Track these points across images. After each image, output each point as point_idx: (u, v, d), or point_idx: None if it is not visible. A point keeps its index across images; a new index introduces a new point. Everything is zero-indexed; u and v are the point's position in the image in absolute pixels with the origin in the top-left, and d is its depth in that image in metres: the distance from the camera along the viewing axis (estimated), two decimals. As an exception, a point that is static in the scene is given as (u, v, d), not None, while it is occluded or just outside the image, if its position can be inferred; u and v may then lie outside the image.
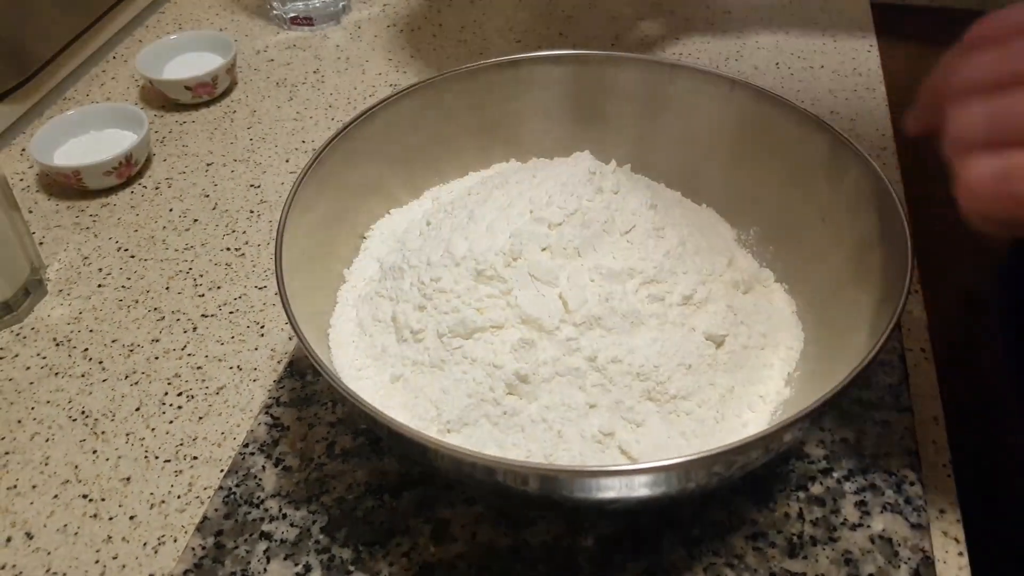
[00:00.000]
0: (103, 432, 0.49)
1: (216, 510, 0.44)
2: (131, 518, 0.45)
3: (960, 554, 0.42)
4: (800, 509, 0.43)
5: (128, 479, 0.46)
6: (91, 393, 0.51)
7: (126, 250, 0.60)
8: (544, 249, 0.42)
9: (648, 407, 0.39)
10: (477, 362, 0.40)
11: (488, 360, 0.40)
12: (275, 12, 0.83)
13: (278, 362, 0.52)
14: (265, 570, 0.41)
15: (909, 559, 0.41)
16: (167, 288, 0.57)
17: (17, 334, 0.55)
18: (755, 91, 0.49)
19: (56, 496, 0.46)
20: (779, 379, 0.43)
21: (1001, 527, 0.51)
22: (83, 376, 0.52)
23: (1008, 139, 0.28)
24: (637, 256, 0.42)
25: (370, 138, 0.49)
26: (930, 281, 0.54)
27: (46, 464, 0.47)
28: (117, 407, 0.50)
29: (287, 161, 0.67)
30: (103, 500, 0.45)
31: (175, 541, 0.43)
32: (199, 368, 0.52)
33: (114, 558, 0.43)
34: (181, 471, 0.47)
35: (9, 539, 0.44)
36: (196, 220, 0.63)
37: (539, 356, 0.39)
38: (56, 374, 0.52)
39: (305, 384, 0.50)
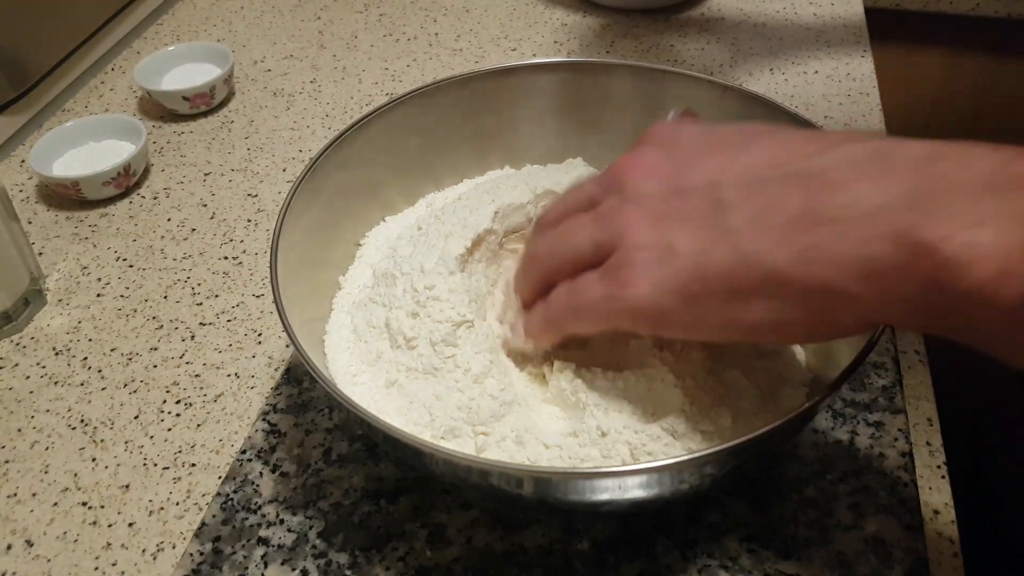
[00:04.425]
0: (102, 440, 0.49)
1: (214, 516, 0.44)
2: (130, 525, 0.45)
3: (955, 555, 0.42)
4: (794, 511, 0.43)
5: (127, 486, 0.47)
6: (90, 401, 0.51)
7: (125, 260, 0.61)
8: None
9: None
10: (470, 372, 0.40)
11: (482, 372, 0.40)
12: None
13: (275, 369, 0.52)
14: (263, 575, 0.42)
15: (903, 560, 0.41)
16: (165, 297, 0.58)
17: (17, 344, 0.55)
18: (747, 96, 0.49)
19: (56, 504, 0.46)
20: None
21: (996, 528, 0.51)
22: (82, 385, 0.52)
23: (545, 277, 0.39)
24: None
25: (365, 146, 0.50)
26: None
27: (46, 472, 0.48)
28: (116, 415, 0.50)
29: (284, 170, 0.68)
30: (102, 507, 0.46)
31: (174, 547, 0.44)
32: (197, 376, 0.52)
33: (113, 564, 0.43)
34: (179, 478, 0.47)
35: (9, 547, 0.44)
36: (194, 230, 0.63)
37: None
38: (55, 383, 0.52)
39: (302, 391, 0.50)
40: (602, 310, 0.36)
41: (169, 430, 0.49)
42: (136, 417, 0.50)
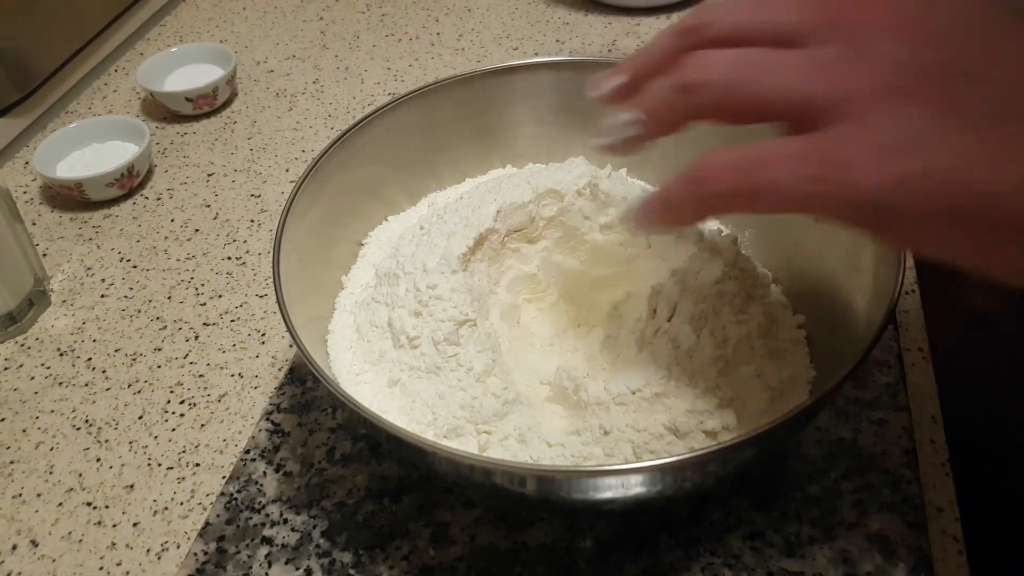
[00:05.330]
0: (106, 440, 0.49)
1: (218, 516, 0.44)
2: (134, 525, 0.45)
3: (959, 552, 0.42)
4: (797, 509, 0.43)
5: (131, 486, 0.47)
6: (94, 402, 0.51)
7: (128, 260, 0.61)
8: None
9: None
10: (472, 371, 0.40)
11: (485, 370, 0.40)
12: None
13: (279, 369, 0.52)
14: (267, 575, 0.42)
15: (907, 558, 0.41)
16: (169, 297, 0.58)
17: (21, 345, 0.55)
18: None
19: (60, 504, 0.46)
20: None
21: (1000, 525, 0.50)
22: (86, 385, 0.52)
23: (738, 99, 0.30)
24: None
25: (367, 146, 0.50)
26: (928, 279, 0.54)
27: (50, 472, 0.48)
28: (120, 415, 0.50)
29: (287, 170, 0.68)
30: (107, 507, 0.46)
31: (178, 547, 0.44)
32: (201, 376, 0.52)
33: (118, 564, 0.43)
34: (184, 478, 0.47)
35: (15, 547, 0.44)
36: (197, 230, 0.63)
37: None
38: (60, 384, 0.53)
39: (305, 390, 0.50)
40: (805, 192, 0.27)
41: (173, 430, 0.49)
42: (140, 417, 0.50)
